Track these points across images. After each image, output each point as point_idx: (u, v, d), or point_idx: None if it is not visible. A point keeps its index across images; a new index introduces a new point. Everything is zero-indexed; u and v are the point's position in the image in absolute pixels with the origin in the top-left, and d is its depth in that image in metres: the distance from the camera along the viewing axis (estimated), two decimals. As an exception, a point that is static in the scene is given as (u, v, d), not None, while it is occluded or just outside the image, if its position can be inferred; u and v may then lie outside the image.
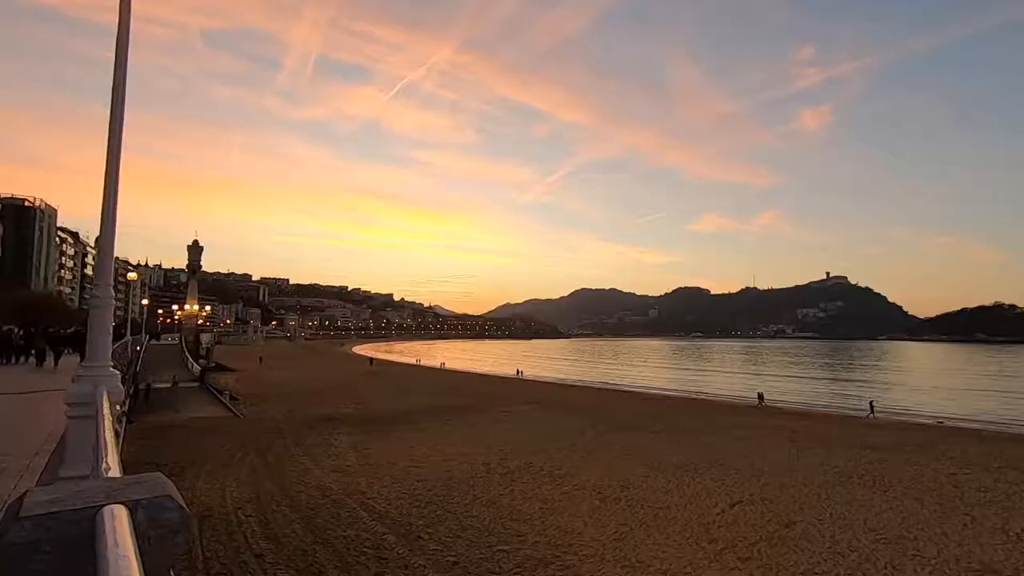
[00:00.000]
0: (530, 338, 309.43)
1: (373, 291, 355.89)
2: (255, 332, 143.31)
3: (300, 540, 8.84)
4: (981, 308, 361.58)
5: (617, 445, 17.44)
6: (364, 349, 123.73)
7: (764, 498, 11.73)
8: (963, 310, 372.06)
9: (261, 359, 59.72)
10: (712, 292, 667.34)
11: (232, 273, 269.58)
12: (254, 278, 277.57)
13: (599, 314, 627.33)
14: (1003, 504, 11.62)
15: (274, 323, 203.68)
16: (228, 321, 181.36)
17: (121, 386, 5.34)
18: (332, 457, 14.98)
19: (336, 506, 10.55)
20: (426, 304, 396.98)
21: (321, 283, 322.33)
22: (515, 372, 62.09)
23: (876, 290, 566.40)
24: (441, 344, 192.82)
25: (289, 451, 15.62)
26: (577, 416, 24.15)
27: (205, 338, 57.55)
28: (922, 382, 59.22)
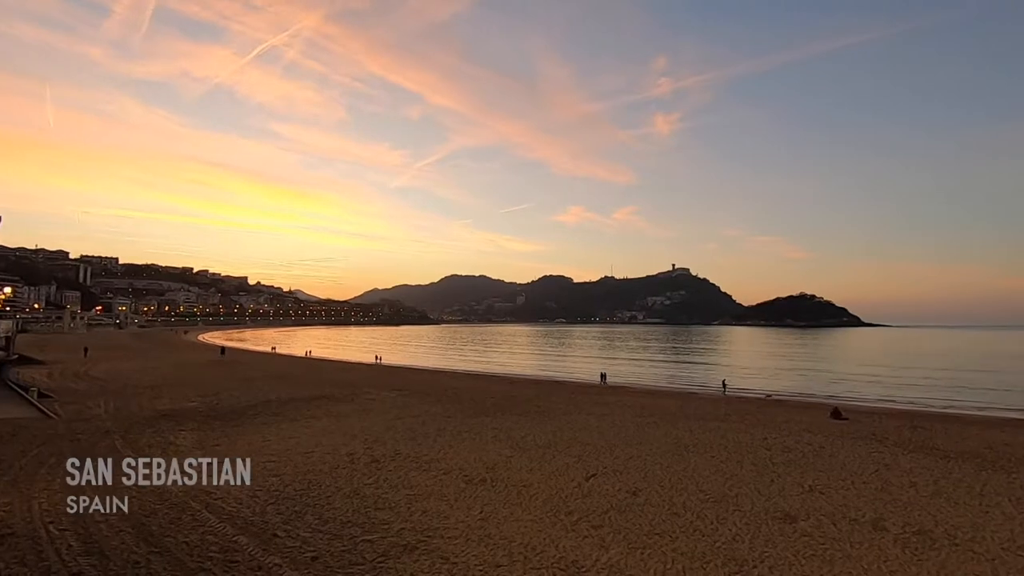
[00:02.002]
0: (398, 324, 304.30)
1: (224, 273, 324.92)
2: (74, 318, 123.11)
3: (131, 551, 7.86)
4: (791, 297, 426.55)
5: (484, 428, 17.86)
6: (213, 337, 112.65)
7: (615, 470, 12.79)
8: (777, 299, 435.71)
9: (86, 350, 51.55)
10: (575, 280, 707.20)
11: (42, 249, 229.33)
12: (72, 256, 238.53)
13: (468, 300, 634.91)
14: (800, 462, 13.89)
15: (98, 308, 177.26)
16: (37, 305, 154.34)
17: None
18: (173, 457, 13.48)
19: (177, 510, 9.54)
20: (286, 288, 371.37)
21: (160, 264, 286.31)
22: (375, 358, 60.65)
23: (712, 281, 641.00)
24: (302, 331, 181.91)
25: (118, 453, 13.76)
26: (446, 401, 24.28)
27: (3, 325, 48.14)
28: (750, 363, 68.41)
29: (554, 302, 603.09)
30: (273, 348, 77.24)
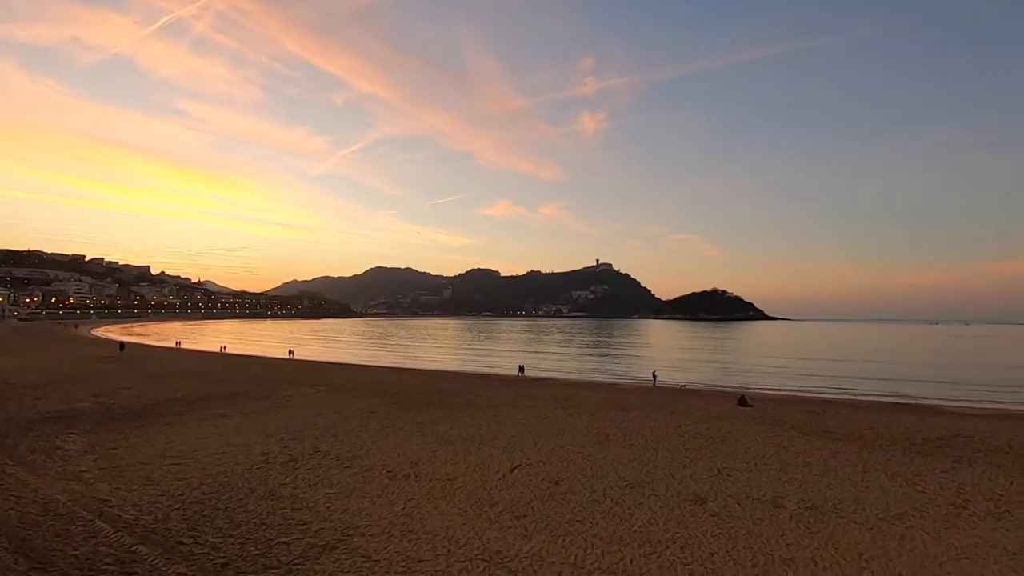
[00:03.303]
0: (319, 317, 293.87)
1: (122, 262, 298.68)
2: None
3: (9, 569, 7.08)
4: (704, 292, 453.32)
5: (408, 423, 17.62)
6: (109, 331, 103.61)
7: (538, 460, 13.03)
8: (692, 294, 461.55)
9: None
10: (502, 274, 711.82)
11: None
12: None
13: (394, 293, 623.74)
14: (710, 447, 14.79)
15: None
16: None
17: None
18: (60, 463, 12.27)
19: (65, 521, 8.70)
20: (195, 279, 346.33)
21: (45, 251, 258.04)
22: (287, 353, 56.97)
23: (633, 276, 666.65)
24: (212, 325, 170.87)
25: (-7, 461, 12.35)
26: (368, 397, 23.70)
27: None
28: (667, 355, 71.86)
29: (481, 296, 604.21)
30: (177, 343, 72.05)
